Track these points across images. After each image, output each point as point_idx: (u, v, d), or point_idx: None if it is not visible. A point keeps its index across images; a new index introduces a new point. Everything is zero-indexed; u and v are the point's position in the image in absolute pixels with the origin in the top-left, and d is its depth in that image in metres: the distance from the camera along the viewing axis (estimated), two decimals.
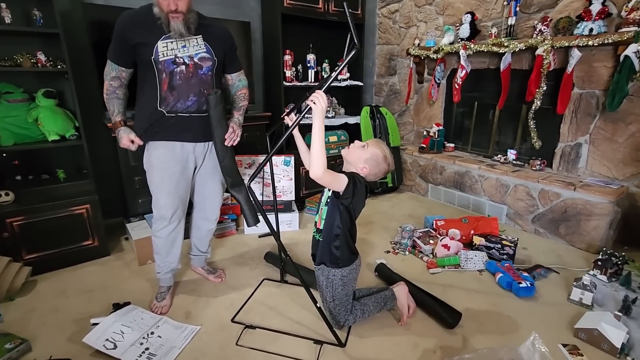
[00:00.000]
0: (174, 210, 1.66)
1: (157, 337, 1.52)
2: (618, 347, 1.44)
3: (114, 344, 1.44)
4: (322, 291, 1.54)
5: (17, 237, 1.92)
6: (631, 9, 2.09)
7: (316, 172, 1.25)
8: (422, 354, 1.46)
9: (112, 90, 1.60)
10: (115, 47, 1.55)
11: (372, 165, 1.44)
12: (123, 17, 1.51)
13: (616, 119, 2.32)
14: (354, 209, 1.43)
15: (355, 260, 1.53)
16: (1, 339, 1.46)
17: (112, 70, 1.59)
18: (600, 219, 2.25)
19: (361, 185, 1.38)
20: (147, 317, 1.62)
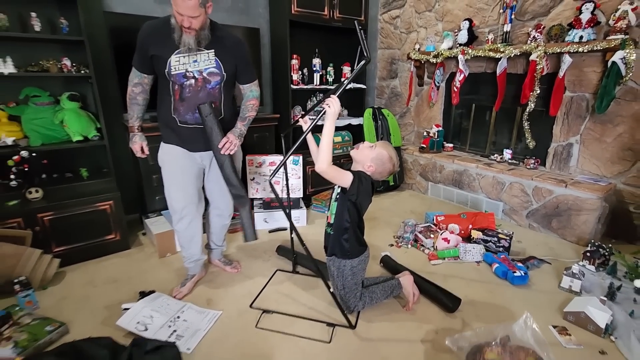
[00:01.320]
0: (183, 204, 1.77)
1: (183, 321, 1.66)
2: (603, 328, 1.59)
3: (145, 326, 1.58)
4: (334, 280, 1.69)
5: (47, 231, 2.06)
6: (618, 17, 2.24)
7: (321, 165, 1.41)
8: (425, 335, 1.61)
9: (133, 96, 1.71)
10: (138, 56, 1.65)
11: (377, 164, 1.57)
12: (143, 29, 1.61)
13: (604, 120, 2.47)
14: (360, 204, 1.58)
15: (364, 252, 1.68)
16: (41, 322, 1.60)
17: (135, 76, 1.70)
18: (590, 213, 2.41)
19: (367, 182, 1.53)
20: (172, 303, 1.76)
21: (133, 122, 1.75)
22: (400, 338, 1.59)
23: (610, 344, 1.55)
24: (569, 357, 1.48)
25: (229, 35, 1.70)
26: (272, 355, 1.48)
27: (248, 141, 2.91)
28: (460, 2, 3.19)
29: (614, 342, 1.56)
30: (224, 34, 1.68)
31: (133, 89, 1.70)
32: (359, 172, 1.54)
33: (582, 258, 2.15)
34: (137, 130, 1.76)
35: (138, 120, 1.76)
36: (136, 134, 1.76)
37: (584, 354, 1.50)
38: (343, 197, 1.56)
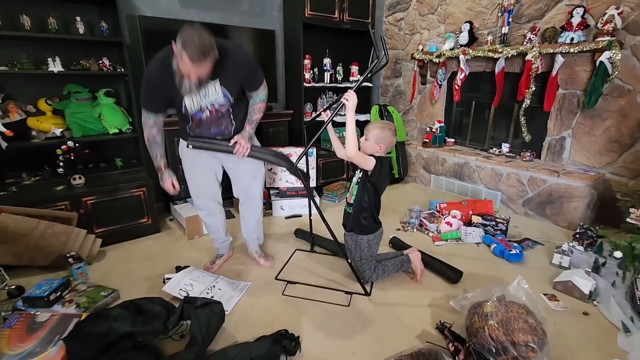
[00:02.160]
0: (196, 194, 1.94)
1: (218, 289, 1.88)
2: (587, 294, 1.82)
3: (186, 292, 1.80)
4: (351, 253, 1.91)
5: (90, 214, 2.28)
6: (605, 21, 2.46)
7: (350, 151, 1.63)
8: (432, 300, 1.83)
9: (152, 139, 1.72)
10: (150, 99, 1.64)
11: (382, 141, 1.73)
12: (152, 74, 1.57)
13: (594, 115, 2.70)
14: (380, 186, 1.80)
15: (379, 228, 1.90)
16: (96, 289, 1.83)
17: (148, 118, 1.68)
18: (580, 200, 2.64)
19: (385, 164, 1.76)
20: (207, 275, 1.99)
21: (159, 162, 1.77)
22: (410, 303, 1.82)
23: (593, 308, 1.78)
24: (556, 317, 1.71)
25: (230, 53, 1.60)
26: (300, 316, 1.71)
27: (264, 135, 3.16)
28: (461, 5, 3.42)
29: (596, 306, 1.78)
30: (226, 53, 1.58)
31: (150, 131, 1.70)
32: (379, 157, 1.76)
33: (572, 239, 2.38)
34: (164, 168, 1.78)
35: (162, 159, 1.78)
36: (164, 172, 1.77)
37: (569, 315, 1.73)
38: (364, 180, 1.78)
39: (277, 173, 2.98)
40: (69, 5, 2.29)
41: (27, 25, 2.12)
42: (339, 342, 1.54)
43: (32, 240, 1.96)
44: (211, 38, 1.45)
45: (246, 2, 3.17)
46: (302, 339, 1.54)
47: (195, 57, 1.41)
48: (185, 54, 1.41)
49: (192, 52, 1.40)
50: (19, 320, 1.48)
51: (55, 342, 1.39)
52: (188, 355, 1.29)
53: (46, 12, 2.20)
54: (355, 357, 1.46)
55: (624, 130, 2.58)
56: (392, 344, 1.51)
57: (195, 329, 1.38)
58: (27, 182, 2.29)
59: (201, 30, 1.44)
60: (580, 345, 1.53)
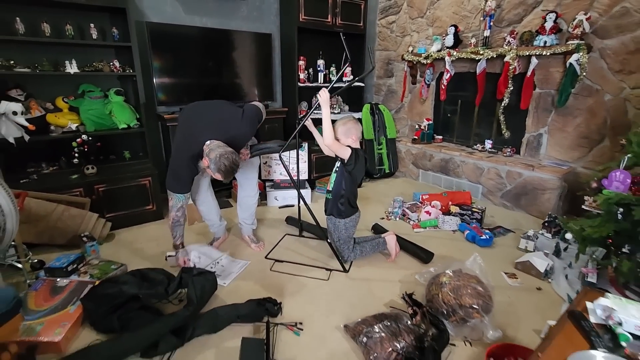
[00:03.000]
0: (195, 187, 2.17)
1: (221, 266, 2.13)
2: (542, 272, 2.02)
3: (194, 264, 2.05)
4: (331, 234, 2.14)
5: (101, 200, 2.54)
6: (575, 25, 2.65)
7: (327, 140, 1.87)
8: (403, 277, 2.06)
9: (176, 220, 1.96)
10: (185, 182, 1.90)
11: (352, 132, 1.99)
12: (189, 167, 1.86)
13: (566, 113, 2.89)
14: (355, 175, 2.03)
15: (356, 212, 2.13)
16: (107, 263, 2.08)
17: (178, 201, 1.91)
18: (552, 192, 2.83)
19: (361, 157, 1.99)
20: (214, 252, 2.23)
21: (177, 241, 2.02)
22: (383, 279, 2.04)
23: (547, 285, 1.99)
24: (511, 291, 1.92)
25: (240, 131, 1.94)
26: (284, 288, 1.94)
27: (260, 131, 3.39)
28: (448, 10, 3.62)
29: (550, 283, 1.99)
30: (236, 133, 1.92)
31: (177, 213, 1.94)
32: (355, 149, 1.99)
33: (542, 227, 2.58)
34: (181, 247, 2.04)
35: (181, 239, 2.03)
36: (180, 250, 2.03)
37: (523, 290, 1.94)
38: (342, 168, 2.01)
39: (271, 166, 3.21)
40: (84, 14, 2.55)
41: (47, 32, 2.38)
42: (315, 308, 1.77)
43: (51, 221, 2.22)
44: (236, 159, 1.78)
45: (245, 7, 3.41)
46: (284, 305, 1.77)
47: (225, 177, 1.78)
48: (220, 175, 1.77)
49: (223, 175, 1.77)
50: (43, 285, 1.74)
51: (73, 302, 1.64)
52: (185, 312, 1.53)
53: (64, 20, 2.46)
54: (329, 319, 1.69)
55: (593, 127, 2.76)
56: (362, 310, 1.73)
57: (191, 293, 1.62)
58: (46, 171, 2.55)
59: (230, 156, 1.75)
60: (527, 313, 1.74)
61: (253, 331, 1.60)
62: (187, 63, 3.03)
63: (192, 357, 1.45)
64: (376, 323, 1.52)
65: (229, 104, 2.05)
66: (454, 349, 1.51)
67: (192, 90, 3.10)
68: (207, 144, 1.80)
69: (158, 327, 1.45)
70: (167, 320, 1.50)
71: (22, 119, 2.28)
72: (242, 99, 3.38)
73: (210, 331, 1.55)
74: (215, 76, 3.23)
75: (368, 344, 1.44)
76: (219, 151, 1.75)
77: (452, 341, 1.53)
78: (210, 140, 1.81)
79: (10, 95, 2.38)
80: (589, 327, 1.04)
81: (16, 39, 2.31)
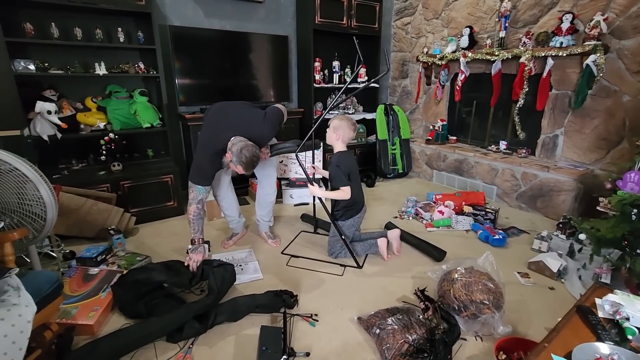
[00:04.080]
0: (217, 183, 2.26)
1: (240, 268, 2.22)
2: (555, 272, 2.04)
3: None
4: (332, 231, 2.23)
5: (126, 195, 2.68)
6: (592, 26, 2.64)
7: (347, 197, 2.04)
8: (415, 273, 2.10)
9: (197, 213, 1.97)
10: (208, 176, 1.98)
11: (339, 132, 2.10)
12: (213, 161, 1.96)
13: (583, 114, 2.87)
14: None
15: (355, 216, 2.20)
16: (132, 255, 2.20)
17: (199, 193, 1.95)
18: (567, 194, 2.82)
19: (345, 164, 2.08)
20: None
21: (197, 235, 1.98)
22: (395, 275, 2.09)
23: (560, 285, 2.00)
24: (524, 290, 1.94)
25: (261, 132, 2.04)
26: (300, 282, 2.01)
27: (278, 131, 3.48)
28: (463, 11, 3.64)
29: (563, 283, 2.00)
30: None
31: (197, 205, 1.96)
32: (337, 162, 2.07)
33: (556, 229, 2.58)
34: (200, 242, 1.98)
35: (200, 233, 2.00)
36: (199, 246, 1.96)
37: (536, 289, 1.96)
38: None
39: (287, 165, 3.30)
40: (112, 18, 2.69)
41: (79, 35, 2.53)
42: (330, 301, 1.84)
43: (81, 215, 2.36)
44: (257, 152, 1.90)
45: (262, 10, 3.51)
46: (300, 297, 1.85)
47: (247, 169, 1.91)
48: (242, 167, 1.89)
49: (244, 167, 1.88)
50: (76, 273, 1.86)
51: (104, 289, 1.75)
52: (207, 300, 1.62)
53: (94, 24, 2.60)
54: (343, 312, 1.76)
55: (611, 128, 2.74)
56: (375, 304, 1.79)
57: (212, 283, 1.72)
58: (75, 167, 2.70)
59: (251, 149, 1.87)
60: (538, 312, 1.76)
61: (270, 321, 1.68)
62: (207, 64, 3.15)
63: (214, 343, 1.54)
64: (389, 316, 1.58)
65: (252, 106, 2.16)
66: (465, 343, 1.55)
67: (212, 91, 3.21)
68: (231, 140, 1.91)
69: (182, 313, 1.55)
70: (190, 307, 1.59)
71: (55, 117, 2.43)
72: (259, 99, 3.48)
73: (231, 319, 1.64)
74: (233, 77, 3.33)
75: (381, 335, 1.49)
76: (241, 145, 1.86)
77: (463, 336, 1.57)
78: (234, 136, 1.92)
79: (45, 96, 2.54)
80: (596, 321, 1.07)
81: (51, 43, 2.46)
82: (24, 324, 1.09)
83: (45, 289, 1.24)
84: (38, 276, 1.30)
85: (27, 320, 1.10)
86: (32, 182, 1.49)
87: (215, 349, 1.51)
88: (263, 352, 1.41)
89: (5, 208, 1.54)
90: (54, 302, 1.27)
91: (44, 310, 1.22)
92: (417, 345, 1.43)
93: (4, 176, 1.48)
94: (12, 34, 2.30)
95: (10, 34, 2.25)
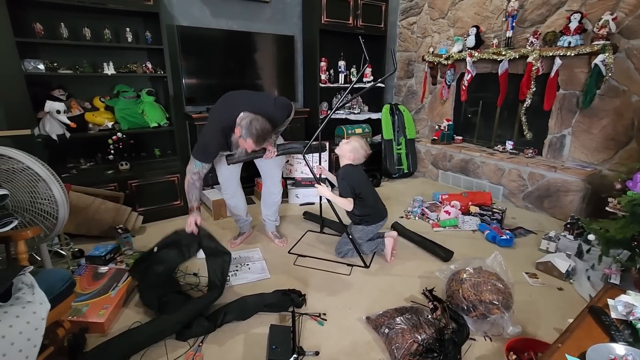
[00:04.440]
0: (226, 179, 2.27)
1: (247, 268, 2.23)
2: (564, 273, 2.03)
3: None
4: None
5: (134, 195, 2.69)
6: (601, 26, 2.62)
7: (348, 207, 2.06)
8: (423, 273, 2.10)
9: (192, 182, 1.96)
10: (208, 154, 1.97)
11: (354, 153, 2.14)
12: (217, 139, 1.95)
13: (591, 114, 2.86)
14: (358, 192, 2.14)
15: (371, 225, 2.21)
16: (140, 254, 2.20)
17: (195, 167, 1.95)
18: (575, 194, 2.81)
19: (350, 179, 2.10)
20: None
21: (193, 203, 1.96)
22: (403, 275, 2.09)
23: (568, 285, 1.99)
24: (532, 290, 1.94)
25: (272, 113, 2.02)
26: (307, 282, 2.02)
27: (284, 130, 3.49)
28: (469, 10, 3.62)
29: (572, 284, 1.99)
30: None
31: (192, 177, 1.96)
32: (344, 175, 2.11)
33: (564, 229, 2.57)
34: (195, 210, 1.94)
35: (197, 202, 1.97)
36: (194, 212, 1.92)
37: (545, 289, 1.95)
38: None
39: (293, 165, 3.30)
40: (120, 18, 2.71)
41: (88, 36, 2.55)
42: (338, 300, 1.84)
43: (89, 214, 2.38)
44: (267, 125, 1.88)
45: (269, 10, 3.52)
46: (308, 297, 1.85)
47: (257, 142, 1.87)
48: (251, 140, 1.85)
49: (255, 139, 1.85)
50: (86, 271, 1.88)
51: (113, 287, 1.76)
52: (212, 295, 1.65)
53: (103, 24, 2.62)
54: (351, 311, 1.76)
55: (619, 128, 2.72)
56: (383, 303, 1.79)
57: (213, 276, 1.75)
58: (84, 166, 2.72)
59: (261, 121, 1.85)
60: (547, 312, 1.76)
61: (279, 320, 1.69)
62: (214, 64, 3.16)
63: (224, 341, 1.55)
64: (397, 315, 1.58)
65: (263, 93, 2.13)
66: (474, 343, 1.55)
67: (218, 91, 3.14)
68: (239, 116, 1.89)
69: (190, 309, 1.57)
70: (198, 302, 1.62)
71: (64, 117, 2.45)
72: None
73: (239, 318, 1.65)
74: (239, 77, 3.34)
75: (390, 334, 1.49)
76: (250, 117, 1.84)
77: (472, 336, 1.57)
78: (244, 112, 1.90)
79: (54, 95, 2.56)
80: (609, 322, 1.07)
81: (60, 43, 2.48)
82: (38, 321, 1.10)
83: (58, 287, 1.25)
84: (51, 274, 1.31)
85: (42, 318, 1.11)
86: (44, 181, 1.50)
87: (225, 348, 1.52)
88: (273, 350, 1.41)
89: (18, 206, 1.55)
90: (66, 300, 1.29)
91: (57, 308, 1.23)
92: (427, 345, 1.43)
93: (17, 175, 1.50)
94: (23, 34, 2.32)
95: (20, 34, 2.27)
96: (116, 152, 2.72)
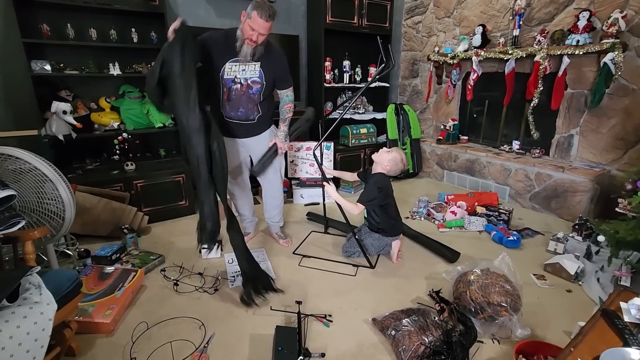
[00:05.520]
0: (232, 178, 2.25)
1: None
2: (573, 275, 2.00)
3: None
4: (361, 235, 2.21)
5: (139, 195, 2.70)
6: (610, 24, 2.59)
7: (354, 212, 2.02)
8: (429, 274, 2.08)
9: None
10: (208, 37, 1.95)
11: (392, 164, 2.10)
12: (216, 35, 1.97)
13: (600, 113, 2.82)
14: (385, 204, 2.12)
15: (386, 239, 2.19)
16: (146, 254, 2.22)
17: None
18: (583, 194, 2.77)
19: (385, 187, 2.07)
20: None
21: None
22: (409, 276, 2.08)
23: (577, 287, 1.96)
24: (541, 293, 1.91)
25: (274, 49, 2.02)
26: (312, 283, 2.01)
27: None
28: (475, 9, 3.59)
29: (580, 286, 1.97)
30: (271, 48, 2.00)
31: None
32: (377, 182, 2.06)
33: (572, 230, 2.53)
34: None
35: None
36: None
37: (553, 291, 1.92)
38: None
39: (298, 165, 3.30)
40: (126, 19, 2.71)
41: (94, 36, 2.56)
42: (343, 302, 1.83)
43: (95, 214, 2.39)
44: (275, 9, 1.85)
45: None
46: (313, 298, 1.84)
47: (264, 16, 1.78)
48: (256, 12, 1.78)
49: (262, 12, 1.78)
50: (92, 271, 1.88)
51: (119, 287, 1.77)
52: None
53: (108, 25, 2.63)
54: (357, 312, 1.75)
55: (629, 128, 2.68)
56: (389, 305, 1.77)
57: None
58: (89, 166, 2.73)
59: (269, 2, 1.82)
60: (556, 314, 1.73)
61: (284, 321, 1.68)
62: None
63: (230, 342, 1.54)
64: (404, 317, 1.56)
65: None
66: (482, 346, 1.53)
67: None
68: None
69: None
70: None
71: (70, 117, 2.46)
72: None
73: None
74: None
75: (396, 336, 1.48)
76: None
77: (480, 339, 1.55)
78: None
79: (60, 96, 2.57)
80: (623, 326, 1.05)
81: (67, 44, 2.49)
82: (46, 321, 1.10)
83: (65, 287, 1.25)
84: (58, 274, 1.31)
85: (49, 318, 1.11)
86: (51, 182, 1.50)
87: (230, 349, 1.51)
88: (279, 352, 1.40)
89: (25, 207, 1.56)
90: (73, 300, 1.29)
91: (64, 308, 1.23)
92: (434, 348, 1.41)
93: (24, 175, 1.50)
94: (30, 35, 2.33)
95: (27, 35, 2.29)
96: (122, 153, 2.73)
